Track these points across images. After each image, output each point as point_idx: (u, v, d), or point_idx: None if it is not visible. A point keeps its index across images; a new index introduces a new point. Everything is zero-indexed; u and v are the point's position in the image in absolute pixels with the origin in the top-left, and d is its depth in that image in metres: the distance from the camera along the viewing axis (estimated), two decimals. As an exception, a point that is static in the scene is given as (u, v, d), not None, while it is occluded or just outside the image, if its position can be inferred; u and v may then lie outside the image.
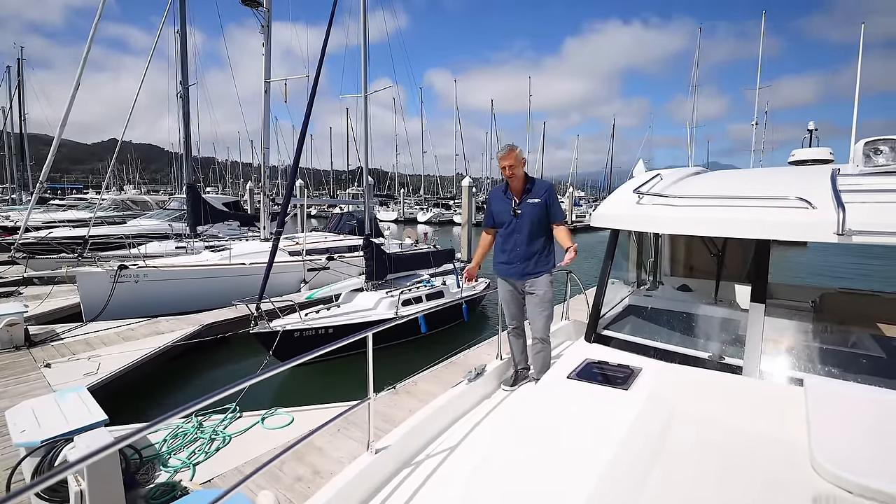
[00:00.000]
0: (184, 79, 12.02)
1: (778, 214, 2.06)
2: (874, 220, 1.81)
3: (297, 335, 6.78)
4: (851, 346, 2.33)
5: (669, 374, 2.10)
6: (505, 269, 3.23)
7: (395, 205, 43.15)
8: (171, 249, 12.19)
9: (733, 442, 1.57)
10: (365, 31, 7.51)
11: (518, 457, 1.66)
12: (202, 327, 7.97)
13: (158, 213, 17.81)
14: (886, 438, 1.44)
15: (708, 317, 2.81)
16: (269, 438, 4.29)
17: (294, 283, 10.78)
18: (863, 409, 1.60)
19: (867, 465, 1.29)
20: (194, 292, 9.60)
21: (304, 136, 6.85)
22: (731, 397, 1.89)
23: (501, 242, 3.22)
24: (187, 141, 12.61)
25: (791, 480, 1.33)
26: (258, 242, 12.34)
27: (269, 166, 11.63)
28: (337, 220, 14.03)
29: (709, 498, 1.31)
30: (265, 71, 10.55)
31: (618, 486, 1.36)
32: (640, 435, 1.61)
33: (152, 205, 22.98)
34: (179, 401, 6.24)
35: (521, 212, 3.08)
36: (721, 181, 3.07)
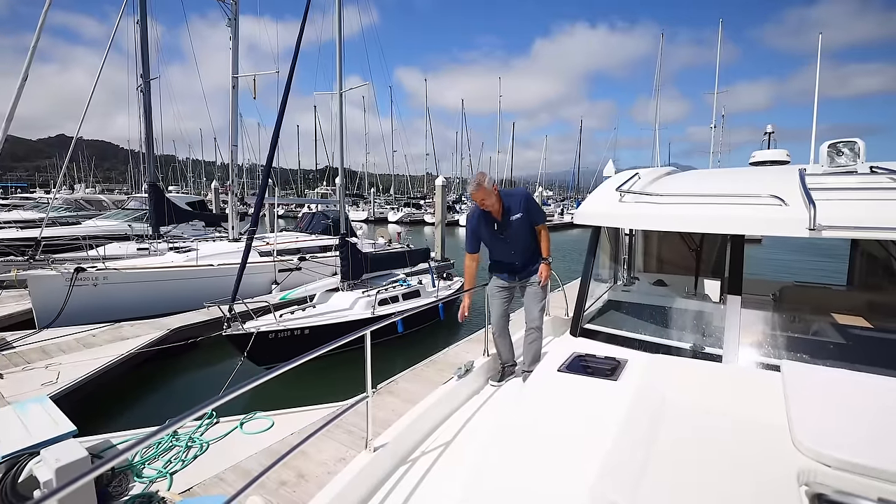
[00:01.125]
0: (144, 73, 11.45)
1: (754, 211, 2.19)
2: (841, 216, 1.95)
3: (273, 337, 6.63)
4: (814, 334, 2.52)
5: (655, 364, 2.19)
6: (501, 274, 3.34)
7: (365, 204, 42.66)
8: (133, 251, 11.63)
9: (720, 426, 1.67)
10: (340, 28, 7.40)
11: (518, 450, 1.70)
12: (170, 331, 7.66)
13: (116, 213, 16.92)
14: (857, 416, 1.57)
15: (686, 309, 2.95)
16: (250, 443, 4.19)
17: (265, 285, 10.51)
18: (835, 391, 1.74)
19: (842, 440, 1.41)
20: (159, 295, 9.21)
21: (277, 135, 6.69)
22: (715, 384, 2.00)
23: (495, 259, 3.32)
24: (149, 138, 12.03)
25: (776, 458, 1.43)
26: (226, 243, 11.96)
27: (237, 165, 11.26)
28: (309, 219, 13.75)
29: (704, 480, 1.38)
30: (232, 66, 10.20)
31: (621, 471, 1.41)
32: (635, 423, 1.67)
33: (109, 204, 21.77)
34: (150, 408, 6.00)
35: (509, 231, 3.15)
36: (696, 180, 3.24)
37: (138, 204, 16.91)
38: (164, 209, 12.65)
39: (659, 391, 1.88)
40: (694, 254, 4.19)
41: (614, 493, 1.30)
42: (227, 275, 10.00)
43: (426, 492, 2.10)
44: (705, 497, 1.30)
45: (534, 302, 3.28)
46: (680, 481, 1.36)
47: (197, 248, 10.56)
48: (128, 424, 4.76)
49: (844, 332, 2.41)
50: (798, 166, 2.97)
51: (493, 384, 3.26)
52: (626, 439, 1.56)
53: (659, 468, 1.41)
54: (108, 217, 16.40)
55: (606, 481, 1.37)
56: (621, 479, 1.37)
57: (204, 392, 5.80)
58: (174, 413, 1.58)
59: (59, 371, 5.86)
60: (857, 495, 1.25)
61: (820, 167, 2.47)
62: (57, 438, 3.25)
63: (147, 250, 11.73)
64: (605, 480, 1.38)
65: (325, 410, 4.78)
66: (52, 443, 3.17)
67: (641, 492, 1.30)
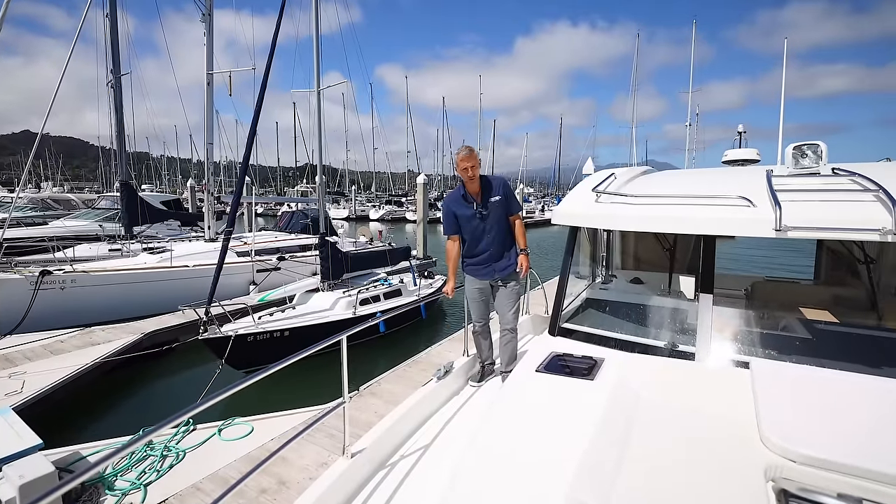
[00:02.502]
0: (115, 67, 11.02)
1: (724, 212, 2.25)
2: (805, 217, 2.02)
3: (251, 339, 6.48)
4: (782, 330, 2.59)
5: (630, 363, 2.23)
6: (477, 270, 3.19)
7: (346, 202, 42.24)
8: (104, 252, 11.25)
9: (693, 423, 1.71)
10: (317, 25, 7.25)
11: (497, 451, 1.70)
12: (143, 336, 7.42)
13: (86, 212, 16.30)
14: (823, 412, 1.62)
15: (661, 307, 3.00)
16: (229, 450, 4.09)
17: (243, 286, 10.29)
18: (801, 387, 1.80)
19: (808, 437, 1.46)
20: (132, 298, 8.93)
21: (253, 132, 6.53)
22: (687, 382, 2.05)
23: (471, 246, 3.15)
24: (120, 134, 11.60)
25: (744, 455, 1.47)
26: (202, 243, 11.66)
27: (213, 162, 10.98)
28: (288, 218, 13.50)
29: (676, 478, 1.41)
30: (207, 62, 9.90)
31: (596, 472, 1.43)
32: (611, 422, 1.70)
33: (78, 204, 20.99)
34: (123, 417, 5.81)
35: (488, 213, 3.03)
36: (669, 181, 3.29)
37: (110, 203, 16.34)
38: (137, 208, 12.27)
39: (634, 391, 1.92)
40: (668, 252, 4.27)
41: (588, 495, 1.31)
42: (202, 276, 9.76)
43: (404, 497, 2.09)
44: (677, 493, 1.33)
45: (508, 304, 3.20)
46: (652, 480, 1.38)
47: (171, 249, 10.27)
48: (99, 435, 4.59)
49: (811, 328, 2.50)
50: (766, 167, 3.05)
51: (472, 384, 3.23)
52: (602, 440, 1.58)
53: (633, 468, 1.43)
54: (78, 217, 15.80)
55: (582, 483, 1.38)
56: (596, 479, 1.39)
57: (180, 399, 5.64)
58: (148, 422, 1.52)
59: (23, 380, 5.61)
60: (819, 491, 1.29)
61: (786, 168, 2.54)
62: (21, 453, 3.10)
63: (119, 251, 11.36)
64: (580, 482, 1.39)
65: (307, 414, 4.70)
66: (16, 458, 3.03)
67: (615, 492, 1.32)
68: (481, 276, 3.19)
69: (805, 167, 2.48)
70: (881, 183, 2.03)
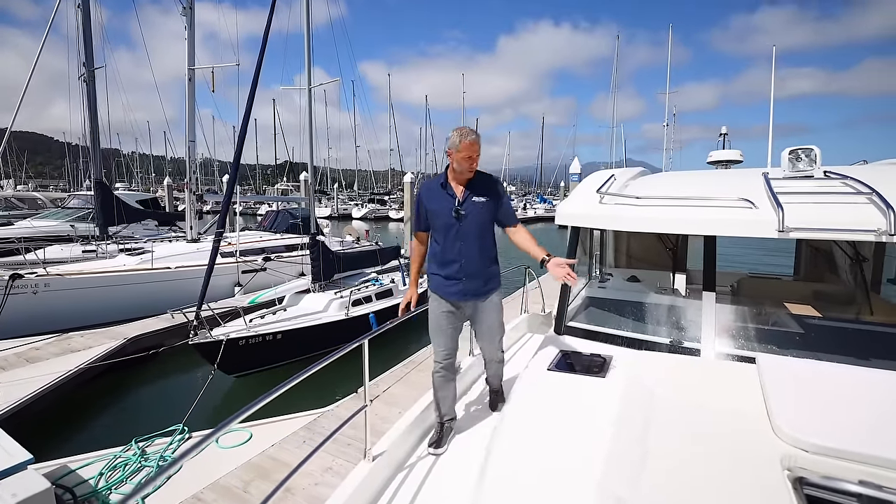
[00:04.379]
0: (87, 61, 10.55)
1: (726, 214, 2.31)
2: (805, 219, 2.10)
3: (243, 343, 6.32)
4: (774, 325, 2.68)
5: (640, 360, 2.27)
6: (445, 285, 2.45)
7: (328, 201, 41.69)
8: (77, 254, 10.78)
9: (706, 417, 1.76)
10: (308, 22, 7.09)
11: (521, 449, 1.71)
12: (126, 341, 7.13)
13: (56, 212, 15.59)
14: (828, 404, 1.71)
15: (663, 305, 3.06)
16: (228, 458, 3.97)
17: (227, 287, 10.03)
18: (806, 380, 1.88)
19: (817, 426, 1.53)
20: (112, 302, 8.59)
21: (244, 131, 6.34)
22: (696, 378, 2.11)
23: (440, 251, 2.44)
24: (94, 130, 11.11)
25: (759, 446, 1.53)
26: (183, 244, 11.31)
27: (195, 160, 10.64)
28: (273, 217, 13.21)
29: (697, 470, 1.45)
30: (188, 57, 9.57)
31: (624, 467, 1.45)
32: (628, 418, 1.73)
33: (45, 203, 20.06)
34: (110, 427, 5.56)
35: (466, 213, 2.35)
36: (668, 183, 3.36)
37: (81, 202, 15.69)
38: (112, 208, 11.79)
39: (646, 387, 1.95)
40: (670, 252, 4.36)
41: (620, 489, 1.34)
42: (186, 278, 9.49)
43: (429, 497, 2.08)
44: (700, 486, 1.36)
45: (493, 337, 2.54)
46: (675, 473, 1.41)
47: (152, 250, 9.92)
48: (86, 447, 4.38)
49: (802, 322, 2.60)
50: (762, 170, 3.14)
51: (431, 452, 2.45)
52: (623, 435, 1.60)
53: (656, 462, 1.46)
54: (47, 217, 15.09)
55: (611, 477, 1.40)
56: (624, 474, 1.41)
57: (171, 406, 5.44)
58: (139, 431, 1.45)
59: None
60: (837, 478, 1.34)
61: (781, 171, 2.62)
62: (11, 469, 2.92)
63: (94, 253, 10.92)
64: (609, 477, 1.40)
65: (306, 419, 4.61)
66: (7, 474, 2.86)
67: (643, 485, 1.35)
68: (448, 295, 2.45)
69: (800, 170, 2.57)
70: (873, 186, 2.13)
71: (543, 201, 50.35)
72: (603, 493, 1.34)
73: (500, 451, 1.70)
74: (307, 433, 4.26)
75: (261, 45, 6.21)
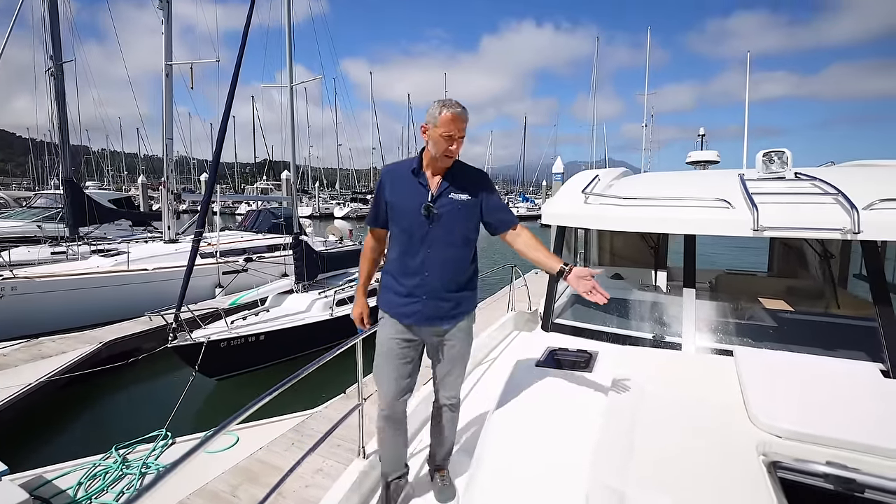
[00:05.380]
0: (55, 54, 10.12)
1: (706, 213, 2.41)
2: (779, 218, 2.21)
3: (225, 345, 6.18)
4: (750, 319, 2.80)
5: (624, 355, 2.35)
6: (398, 304, 1.90)
7: (309, 200, 41.10)
8: (46, 255, 10.37)
9: (688, 407, 1.84)
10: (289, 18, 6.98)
11: (513, 444, 1.73)
12: (102, 345, 6.89)
13: (21, 212, 14.95)
14: (799, 392, 1.82)
15: (646, 301, 3.15)
16: (215, 463, 3.87)
17: (208, 289, 9.81)
18: (779, 371, 1.99)
19: (789, 414, 1.64)
20: (84, 306, 8.29)
21: (224, 128, 6.20)
22: (678, 371, 2.20)
23: (398, 257, 1.89)
24: (63, 127, 10.69)
25: (737, 433, 1.63)
26: (160, 244, 11.00)
27: (171, 159, 10.36)
28: (254, 217, 12.95)
29: (681, 458, 1.52)
30: (165, 53, 9.27)
31: (613, 458, 1.50)
32: (615, 411, 1.79)
33: (8, 202, 19.21)
34: (88, 435, 5.38)
35: (441, 211, 1.82)
36: (650, 183, 3.47)
37: (48, 201, 15.11)
38: (83, 208, 11.36)
39: (632, 381, 2.02)
40: (652, 250, 4.48)
41: (610, 479, 1.39)
42: (163, 280, 9.24)
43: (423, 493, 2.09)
44: (684, 474, 1.44)
45: (455, 370, 1.98)
46: (661, 462, 1.48)
47: (128, 251, 9.61)
48: (61, 456, 4.21)
49: (775, 317, 2.73)
50: (737, 171, 3.27)
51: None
52: (611, 428, 1.66)
53: (642, 452, 1.52)
54: (11, 217, 14.47)
55: (601, 469, 1.44)
56: (614, 465, 1.46)
57: (151, 411, 5.28)
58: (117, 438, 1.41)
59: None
60: (807, 460, 1.45)
61: (756, 172, 2.73)
62: (-16, 481, 2.81)
63: (64, 254, 10.51)
64: (599, 468, 1.45)
65: (294, 420, 4.55)
66: (-20, 486, 2.75)
67: (631, 475, 1.41)
68: (401, 317, 1.89)
69: (773, 172, 2.69)
70: (839, 187, 2.25)
71: (526, 200, 50.85)
72: (594, 485, 1.38)
73: (492, 446, 1.72)
74: (296, 435, 4.21)
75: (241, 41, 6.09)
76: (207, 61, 9.08)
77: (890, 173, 2.86)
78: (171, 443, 4.23)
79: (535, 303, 4.80)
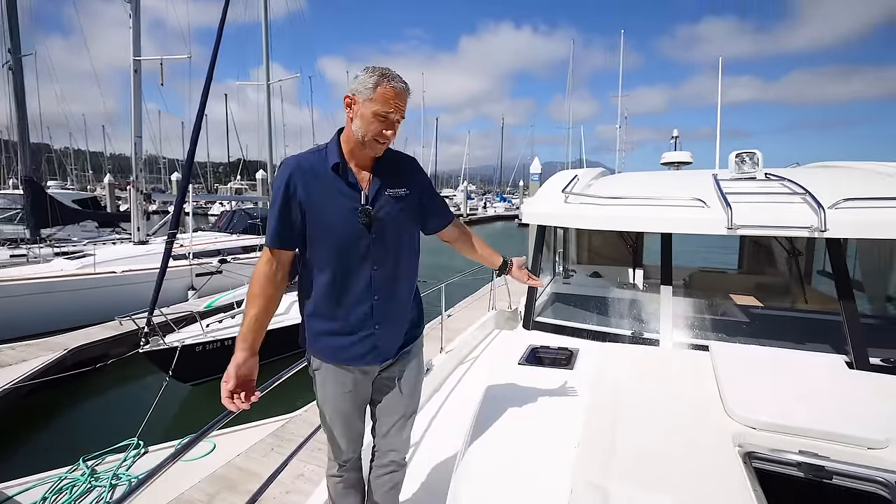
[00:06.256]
0: (13, 47, 9.61)
1: (682, 213, 2.49)
2: (751, 217, 2.30)
3: (200, 350, 6.01)
4: (724, 315, 2.90)
5: (604, 352, 2.39)
6: (350, 346, 1.51)
7: (285, 200, 40.26)
8: (5, 258, 9.88)
9: (667, 401, 1.90)
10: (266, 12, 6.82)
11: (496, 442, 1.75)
12: (67, 352, 6.58)
13: (-23, 213, 14.18)
14: (772, 385, 1.90)
15: (624, 299, 3.22)
16: (190, 471, 3.75)
17: (180, 291, 9.51)
18: (753, 365, 2.07)
19: (763, 406, 1.70)
20: (48, 311, 7.92)
21: (198, 127, 6.01)
22: (657, 366, 2.25)
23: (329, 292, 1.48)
24: (22, 124, 10.17)
25: (714, 426, 1.68)
26: (129, 246, 10.61)
27: (141, 157, 9.99)
28: (229, 217, 12.63)
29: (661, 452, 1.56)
30: (134, 48, 8.92)
31: (595, 454, 1.53)
32: (596, 407, 1.82)
33: (-37, 202, 18.17)
34: (53, 447, 5.12)
35: (381, 214, 1.46)
36: (627, 183, 3.55)
37: (7, 202, 14.37)
38: (45, 208, 10.86)
39: (612, 377, 2.06)
40: (630, 248, 4.59)
41: (593, 475, 1.41)
42: (133, 283, 8.93)
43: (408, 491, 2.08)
44: (664, 467, 1.47)
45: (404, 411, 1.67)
46: (642, 457, 1.52)
47: (94, 254, 9.22)
48: (21, 471, 3.98)
49: (746, 312, 2.84)
50: (711, 171, 3.38)
51: None
52: (592, 424, 1.69)
53: (623, 447, 1.55)
54: (-35, 218, 13.70)
55: (585, 465, 1.47)
56: (596, 461, 1.49)
57: (122, 420, 5.07)
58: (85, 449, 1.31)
59: (-82, 411, 4.77)
60: (781, 450, 1.51)
61: (729, 173, 2.83)
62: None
63: (25, 257, 10.02)
64: (583, 464, 1.47)
65: (273, 425, 4.44)
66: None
67: (613, 470, 1.43)
68: (352, 361, 1.53)
69: (745, 172, 2.78)
70: (807, 187, 2.35)
71: (503, 200, 51.28)
72: (577, 481, 1.40)
73: (475, 445, 1.73)
74: (275, 440, 4.11)
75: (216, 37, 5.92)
76: (178, 57, 8.78)
77: (852, 174, 3.01)
78: (144, 452, 4.07)
79: (516, 301, 4.85)
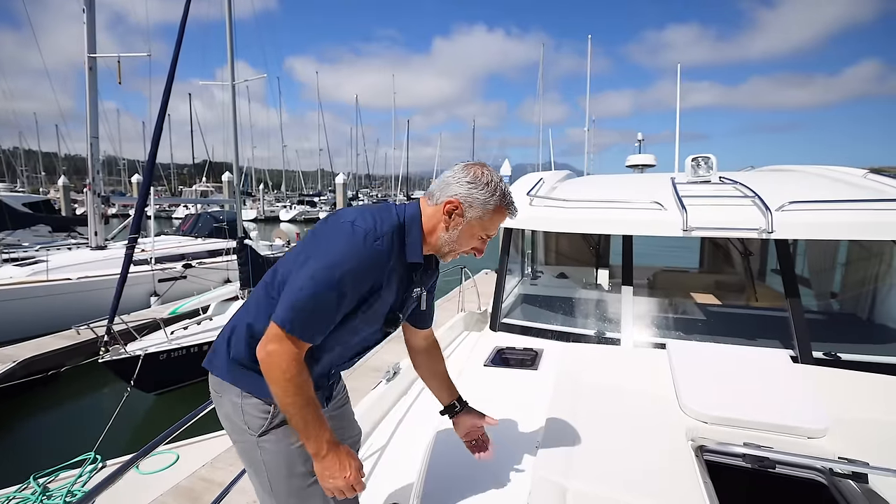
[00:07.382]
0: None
1: (640, 215, 2.59)
2: (706, 219, 2.42)
3: (164, 357, 5.80)
4: (683, 314, 3.03)
5: (567, 352, 2.45)
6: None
7: (253, 202, 39.31)
8: (-52, 266, 9.24)
9: (625, 399, 1.97)
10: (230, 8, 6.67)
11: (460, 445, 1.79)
12: (16, 364, 6.21)
13: (-86, 217, 13.17)
14: (724, 381, 1.99)
15: (589, 299, 3.32)
16: (153, 484, 3.63)
17: (142, 297, 9.15)
18: (706, 362, 2.17)
19: (713, 400, 1.79)
20: (-4, 320, 7.46)
21: (160, 127, 5.81)
22: (617, 365, 2.33)
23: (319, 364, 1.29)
24: (-35, 123, 9.57)
25: (669, 422, 1.76)
26: (86, 251, 10.11)
27: (98, 159, 9.56)
28: (193, 221, 12.22)
29: (619, 447, 1.62)
30: (88, 44, 8.52)
31: (555, 452, 1.58)
32: (558, 406, 1.86)
33: None
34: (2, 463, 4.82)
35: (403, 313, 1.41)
36: (590, 185, 3.66)
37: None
38: (-8, 212, 10.24)
39: (574, 376, 2.12)
40: (594, 250, 4.73)
41: (554, 475, 1.45)
42: (89, 290, 8.54)
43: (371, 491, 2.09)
44: (622, 463, 1.53)
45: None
46: (601, 453, 1.57)
47: (46, 260, 8.75)
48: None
49: (704, 310, 2.96)
50: (670, 174, 3.53)
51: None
52: (554, 423, 1.74)
53: (584, 443, 1.61)
54: None
55: (546, 464, 1.50)
56: (558, 459, 1.52)
57: (78, 434, 4.83)
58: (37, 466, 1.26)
59: None
60: (729, 442, 1.60)
61: (685, 176, 2.96)
62: None
63: (-31, 264, 9.41)
64: (543, 463, 1.51)
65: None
66: None
67: (574, 468, 1.47)
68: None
69: (700, 175, 2.93)
70: (756, 190, 2.48)
71: None
72: (537, 480, 1.42)
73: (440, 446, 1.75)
74: (242, 448, 4.02)
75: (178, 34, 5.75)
76: (137, 55, 8.45)
77: (799, 177, 3.17)
78: (102, 466, 3.90)
79: (485, 303, 4.90)
